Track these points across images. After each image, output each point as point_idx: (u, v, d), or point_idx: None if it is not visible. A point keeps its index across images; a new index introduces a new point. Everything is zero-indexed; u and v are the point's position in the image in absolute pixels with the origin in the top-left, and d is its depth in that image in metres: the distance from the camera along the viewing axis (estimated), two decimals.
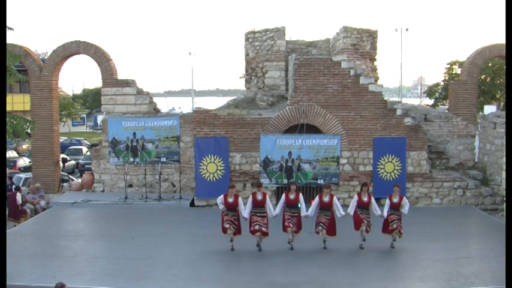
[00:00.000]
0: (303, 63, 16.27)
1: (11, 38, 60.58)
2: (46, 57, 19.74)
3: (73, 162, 27.45)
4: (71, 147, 31.87)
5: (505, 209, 14.32)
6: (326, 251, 11.82)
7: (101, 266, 10.84)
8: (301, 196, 12.00)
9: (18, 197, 15.16)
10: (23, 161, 26.49)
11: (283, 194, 12.17)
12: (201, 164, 16.27)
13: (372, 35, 20.13)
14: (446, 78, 41.11)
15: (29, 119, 12.22)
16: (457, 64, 40.58)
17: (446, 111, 19.30)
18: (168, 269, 10.56)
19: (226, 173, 16.25)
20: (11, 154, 27.89)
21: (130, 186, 17.84)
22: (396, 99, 35.79)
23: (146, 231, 13.39)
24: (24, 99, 36.22)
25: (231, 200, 11.68)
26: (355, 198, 12.11)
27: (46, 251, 11.89)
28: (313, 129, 16.46)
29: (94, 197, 17.19)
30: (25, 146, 32.15)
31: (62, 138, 30.19)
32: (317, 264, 10.93)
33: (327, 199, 11.89)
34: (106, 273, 10.38)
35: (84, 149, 31.03)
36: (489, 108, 31.89)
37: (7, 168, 19.15)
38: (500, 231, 12.31)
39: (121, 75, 18.47)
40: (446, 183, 16.49)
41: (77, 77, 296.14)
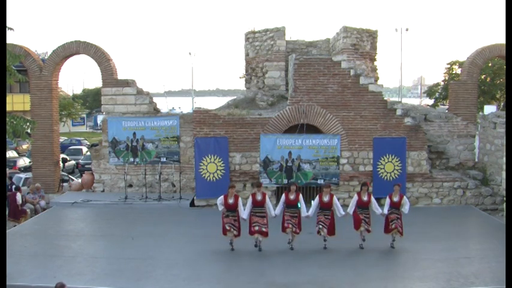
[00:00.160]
0: (303, 63, 16.27)
1: (11, 38, 60.57)
2: (46, 57, 19.75)
3: (73, 162, 27.46)
4: (71, 147, 31.87)
5: (505, 209, 14.32)
6: (326, 251, 11.82)
7: (101, 266, 10.84)
8: (301, 196, 12.01)
9: (18, 197, 15.17)
10: (23, 161, 26.48)
11: (283, 194, 12.17)
12: (201, 164, 16.27)
13: (372, 35, 20.14)
14: (446, 78, 41.12)
15: (29, 119, 12.21)
16: (457, 64, 40.58)
17: (446, 111, 19.30)
18: (168, 269, 10.57)
19: (226, 173, 16.25)
20: (11, 154, 27.88)
21: (131, 186, 17.84)
22: (396, 99, 35.79)
23: (146, 231, 13.40)
24: (24, 99, 36.24)
25: (231, 201, 11.68)
26: (354, 198, 12.12)
27: (46, 251, 11.90)
28: (313, 129, 16.46)
29: (94, 197, 17.20)
30: (25, 146, 32.15)
31: (62, 138, 30.19)
32: (317, 264, 10.93)
33: (326, 199, 11.89)
34: (106, 273, 10.38)
35: (84, 149, 31.03)
36: (489, 108, 31.90)
37: (7, 168, 19.16)
38: (500, 231, 12.32)
39: (121, 75, 18.53)
40: (446, 183, 16.50)
41: (77, 77, 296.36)
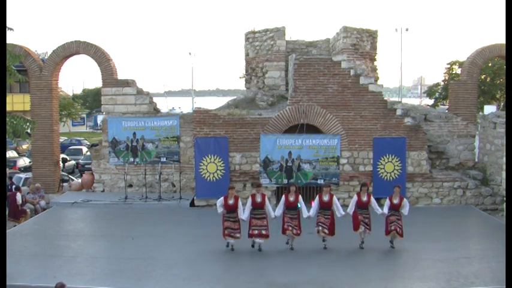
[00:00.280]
0: (303, 63, 16.27)
1: (11, 38, 60.59)
2: (46, 57, 19.75)
3: (73, 162, 27.45)
4: (71, 147, 31.87)
5: (505, 209, 14.32)
6: (326, 251, 11.82)
7: (101, 266, 10.84)
8: (300, 197, 12.00)
9: (18, 197, 15.17)
10: (23, 161, 26.48)
11: (283, 195, 12.16)
12: (201, 164, 16.27)
13: (372, 35, 20.14)
14: (446, 78, 41.11)
15: (29, 119, 12.21)
16: (457, 64, 40.58)
17: (446, 111, 19.29)
18: (168, 269, 10.57)
19: (226, 173, 16.25)
20: (11, 154, 27.88)
21: (131, 186, 17.84)
22: (396, 99, 35.79)
23: (146, 231, 13.39)
24: (24, 99, 36.23)
25: (231, 202, 11.66)
26: (354, 198, 12.11)
27: (46, 251, 11.90)
28: (313, 129, 16.46)
29: (94, 197, 17.19)
30: (25, 146, 32.15)
31: (62, 138, 30.18)
32: (317, 264, 10.93)
33: (326, 198, 11.89)
34: (106, 273, 10.38)
35: (84, 149, 31.02)
36: (489, 108, 31.90)
37: (7, 168, 19.15)
38: (500, 231, 12.31)
39: (121, 75, 18.53)
40: (446, 183, 16.50)
41: (77, 77, 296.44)
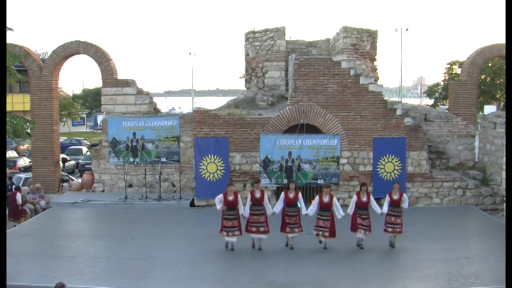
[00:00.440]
0: (303, 63, 16.27)
1: (11, 38, 60.59)
2: (46, 57, 19.74)
3: (73, 162, 27.45)
4: (71, 147, 31.87)
5: (505, 209, 14.32)
6: (326, 250, 11.82)
7: (101, 266, 10.83)
8: (300, 195, 12.01)
9: (18, 197, 15.16)
10: (23, 161, 26.48)
11: (283, 192, 12.18)
12: (201, 164, 16.27)
13: (372, 35, 20.13)
14: (446, 78, 41.12)
15: (29, 119, 12.21)
16: (457, 64, 40.58)
17: (446, 111, 19.29)
18: (168, 269, 10.56)
19: (226, 173, 16.25)
20: (11, 154, 27.89)
21: (131, 186, 17.84)
22: (396, 99, 35.78)
23: (146, 231, 13.39)
24: (24, 99, 36.23)
25: (231, 198, 11.63)
26: (354, 198, 12.08)
27: (46, 251, 11.89)
28: (313, 129, 16.46)
29: (94, 197, 17.19)
30: (25, 146, 32.15)
31: (62, 138, 30.18)
32: (317, 263, 10.94)
33: (326, 199, 11.87)
34: (106, 273, 10.38)
35: (84, 149, 31.03)
36: (489, 108, 31.90)
37: (7, 168, 19.15)
38: (500, 231, 12.31)
39: (121, 75, 18.52)
40: (446, 183, 16.49)
41: (77, 77, 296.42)
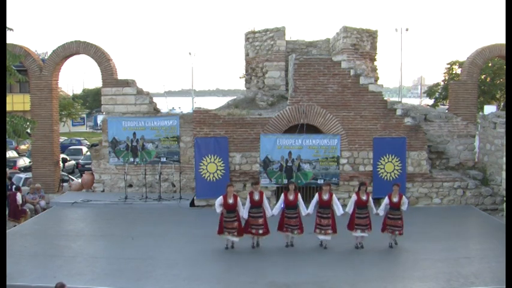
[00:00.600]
0: (303, 63, 16.26)
1: (11, 38, 60.60)
2: (46, 57, 19.74)
3: (73, 162, 27.45)
4: (71, 147, 31.88)
5: (505, 209, 14.31)
6: (326, 250, 11.82)
7: (101, 266, 10.84)
8: (299, 196, 12.01)
9: (18, 197, 15.16)
10: (23, 161, 26.48)
11: (282, 194, 12.18)
12: (201, 164, 16.27)
13: (372, 35, 20.13)
14: (446, 78, 41.14)
15: (29, 118, 12.21)
16: (457, 64, 40.60)
17: (446, 111, 19.29)
18: (168, 269, 10.57)
19: (226, 173, 16.25)
20: (11, 154, 27.89)
21: (131, 186, 17.84)
22: (396, 99, 35.79)
23: (146, 231, 13.39)
24: (24, 99, 36.27)
25: (230, 201, 11.63)
26: (353, 198, 12.08)
27: (46, 251, 11.90)
28: (313, 129, 16.46)
29: (94, 197, 17.19)
30: (25, 146, 32.14)
31: (62, 138, 30.19)
32: (317, 263, 10.93)
33: (326, 197, 11.88)
34: (106, 273, 10.38)
35: (84, 149, 31.03)
36: (489, 108, 31.93)
37: (7, 168, 19.15)
38: (500, 231, 12.32)
39: (121, 75, 18.52)
40: (446, 183, 16.49)
41: (77, 77, 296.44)
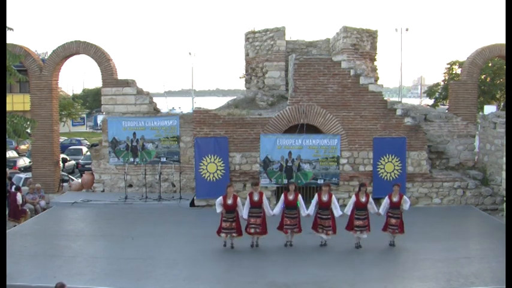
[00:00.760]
0: (303, 63, 16.26)
1: (11, 38, 60.62)
2: (46, 57, 19.74)
3: (73, 162, 27.46)
4: (71, 147, 31.88)
5: (505, 209, 14.31)
6: (326, 250, 11.82)
7: (101, 266, 10.84)
8: (299, 196, 12.02)
9: (18, 197, 15.16)
10: (23, 161, 26.48)
11: (282, 194, 12.18)
12: (201, 164, 16.27)
13: (372, 35, 20.14)
14: (446, 78, 41.12)
15: (29, 118, 12.21)
16: (457, 64, 40.58)
17: (446, 111, 19.29)
18: (168, 269, 10.57)
19: (226, 173, 16.25)
20: (11, 154, 27.90)
21: (131, 186, 17.84)
22: (396, 99, 35.79)
23: (146, 231, 13.39)
24: (24, 99, 36.26)
25: (230, 201, 11.64)
26: (352, 199, 12.08)
27: (46, 251, 11.90)
28: (313, 129, 16.46)
29: (94, 197, 17.19)
30: (25, 146, 32.14)
31: (62, 138, 30.19)
32: (317, 263, 10.93)
33: (325, 198, 11.87)
34: (106, 273, 10.38)
35: (84, 149, 31.03)
36: (489, 108, 31.91)
37: (7, 168, 19.15)
38: (500, 231, 12.32)
39: (121, 75, 18.53)
40: (446, 183, 16.49)
41: (77, 77, 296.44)
